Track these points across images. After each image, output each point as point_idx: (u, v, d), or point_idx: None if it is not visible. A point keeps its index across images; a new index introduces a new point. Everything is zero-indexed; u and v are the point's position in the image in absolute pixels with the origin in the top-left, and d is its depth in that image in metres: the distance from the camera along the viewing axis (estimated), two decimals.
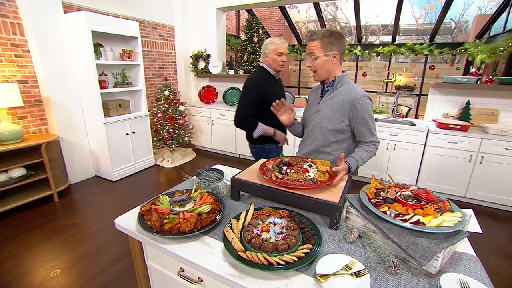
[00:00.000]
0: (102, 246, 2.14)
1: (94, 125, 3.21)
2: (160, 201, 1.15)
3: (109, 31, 3.03)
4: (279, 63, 1.85)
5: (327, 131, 1.44)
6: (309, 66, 1.44)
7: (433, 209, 0.95)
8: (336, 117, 1.40)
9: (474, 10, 7.76)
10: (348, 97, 1.37)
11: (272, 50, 1.82)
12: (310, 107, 1.60)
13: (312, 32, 1.39)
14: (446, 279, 0.78)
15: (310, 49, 1.38)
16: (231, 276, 0.81)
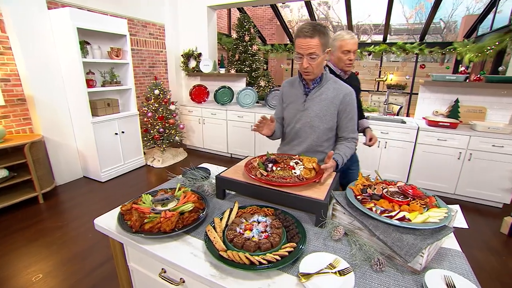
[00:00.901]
0: (89, 249, 2.08)
1: (81, 124, 3.13)
2: (142, 200, 1.12)
3: (96, 29, 2.96)
4: (345, 62, 1.62)
5: (320, 131, 1.38)
6: (306, 67, 1.25)
7: (419, 205, 0.93)
8: (328, 115, 1.36)
9: (463, 10, 7.93)
10: (338, 93, 1.34)
11: (338, 48, 1.61)
12: (290, 105, 1.46)
13: (308, 27, 1.19)
14: (431, 276, 0.76)
15: (310, 49, 1.19)
16: (211, 276, 0.78)
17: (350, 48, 1.59)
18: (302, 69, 1.28)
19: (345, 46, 1.59)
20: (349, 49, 1.59)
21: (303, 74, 1.32)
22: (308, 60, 1.22)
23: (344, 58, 1.62)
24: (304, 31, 1.19)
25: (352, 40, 1.58)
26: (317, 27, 1.19)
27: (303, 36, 1.19)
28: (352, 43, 1.58)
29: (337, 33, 1.64)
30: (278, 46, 6.32)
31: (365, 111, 3.71)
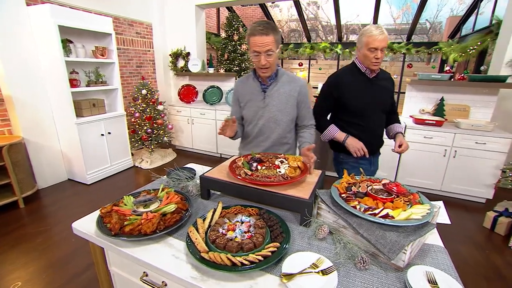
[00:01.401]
0: (71, 254, 2.01)
1: (65, 125, 3.04)
2: (124, 202, 1.08)
3: (79, 27, 2.88)
4: (371, 60, 1.45)
5: (284, 123, 1.45)
6: (264, 64, 1.28)
7: (403, 202, 0.93)
8: (289, 107, 1.43)
9: (447, 12, 8.15)
10: (295, 86, 1.44)
11: (364, 44, 1.43)
12: (249, 103, 1.46)
13: (262, 25, 1.23)
14: (413, 272, 0.76)
15: (267, 46, 1.24)
16: (192, 279, 0.76)
17: (377, 45, 1.41)
18: (260, 66, 1.31)
19: (372, 43, 1.41)
20: (377, 46, 1.42)
21: (260, 72, 1.35)
22: (266, 57, 1.26)
23: (370, 56, 1.45)
24: (259, 29, 1.22)
25: (380, 36, 1.40)
26: (270, 24, 1.25)
27: (259, 34, 1.22)
28: (380, 40, 1.40)
29: (365, 28, 1.47)
30: None
31: None
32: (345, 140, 1.57)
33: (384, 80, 1.61)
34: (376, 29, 1.41)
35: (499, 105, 3.17)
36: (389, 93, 1.65)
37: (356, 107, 1.55)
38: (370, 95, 1.55)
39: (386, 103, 1.62)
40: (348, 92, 1.54)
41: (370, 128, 1.60)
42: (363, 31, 1.47)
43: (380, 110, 1.62)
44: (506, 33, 3.07)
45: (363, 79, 1.54)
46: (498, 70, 3.14)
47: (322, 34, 9.05)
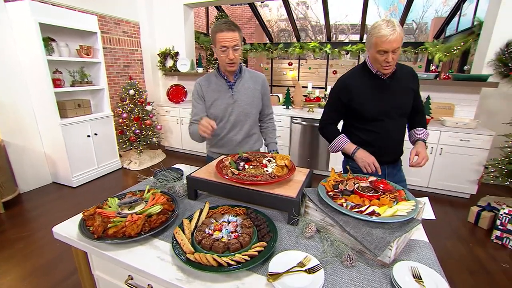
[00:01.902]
0: (55, 260, 1.95)
1: (48, 127, 2.94)
2: (108, 204, 1.05)
3: (62, 25, 2.80)
4: (381, 64, 1.25)
5: (253, 116, 1.54)
6: (232, 58, 1.32)
7: (389, 199, 0.95)
8: (256, 100, 1.52)
9: (432, 13, 8.38)
10: (257, 80, 1.52)
11: (372, 45, 1.23)
12: (217, 101, 1.47)
13: (229, 22, 1.31)
14: (398, 268, 0.77)
15: (235, 40, 1.30)
16: (177, 281, 0.75)
17: (387, 47, 1.18)
18: (228, 61, 1.35)
19: (380, 45, 1.19)
20: (386, 49, 1.19)
21: (228, 66, 1.38)
22: (233, 51, 1.32)
23: (380, 59, 1.23)
24: (226, 25, 1.29)
25: (391, 36, 1.16)
26: (234, 22, 1.33)
27: (226, 30, 1.28)
28: (391, 40, 1.16)
29: (374, 25, 1.23)
30: (258, 46, 6.31)
31: None
32: (355, 153, 1.40)
33: (403, 79, 1.38)
34: (387, 27, 1.17)
35: (481, 104, 3.27)
36: (410, 93, 1.39)
37: (369, 113, 1.37)
38: (384, 99, 1.35)
39: (405, 105, 1.39)
40: (358, 97, 1.37)
41: (385, 135, 1.41)
42: (371, 29, 1.24)
43: (398, 114, 1.39)
44: (486, 34, 3.17)
45: (375, 82, 1.35)
46: (480, 69, 3.24)
47: (312, 34, 9.14)
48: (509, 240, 2.23)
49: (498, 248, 2.24)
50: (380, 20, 1.24)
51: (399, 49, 1.23)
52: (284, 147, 3.72)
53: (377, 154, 1.38)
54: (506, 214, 2.25)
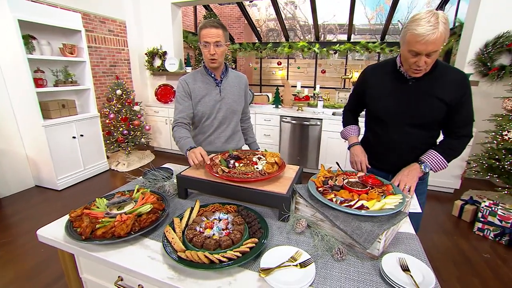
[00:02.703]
0: (40, 265, 1.88)
1: (30, 128, 2.84)
2: (96, 205, 1.03)
3: (44, 22, 2.70)
4: (410, 65, 1.07)
5: (238, 112, 1.60)
6: (213, 53, 1.34)
7: (377, 193, 0.97)
8: (240, 98, 1.58)
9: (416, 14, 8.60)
10: (241, 79, 1.58)
11: (406, 42, 1.03)
12: (205, 98, 1.46)
13: (213, 20, 1.36)
14: (387, 260, 0.79)
15: (217, 37, 1.32)
16: (169, 279, 0.74)
17: (420, 49, 0.99)
18: (209, 57, 1.37)
19: (413, 45, 0.99)
20: (419, 50, 0.99)
21: (209, 62, 1.39)
22: (214, 47, 1.34)
23: (410, 60, 1.05)
24: (210, 22, 1.33)
25: (430, 36, 0.95)
26: (218, 20, 1.37)
27: (209, 27, 1.32)
28: (427, 42, 0.96)
29: (413, 17, 1.00)
30: (246, 45, 6.31)
31: (331, 108, 3.84)
32: (351, 147, 1.39)
33: (436, 86, 1.13)
34: (427, 23, 0.95)
35: None
36: (436, 104, 1.14)
37: (375, 111, 1.29)
38: (399, 101, 1.19)
39: (423, 117, 1.18)
40: (372, 91, 1.27)
41: (388, 141, 1.29)
42: (409, 21, 1.02)
43: (409, 124, 1.21)
44: (467, 35, 3.29)
45: (396, 79, 1.19)
46: (461, 68, 3.35)
47: (300, 34, 9.22)
48: (490, 231, 2.33)
49: (480, 240, 2.33)
50: (424, 12, 0.98)
51: (437, 52, 1.01)
52: (273, 145, 3.74)
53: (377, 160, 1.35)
54: (486, 206, 2.34)
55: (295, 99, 3.69)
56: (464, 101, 1.14)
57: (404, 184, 1.15)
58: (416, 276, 0.73)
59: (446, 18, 0.97)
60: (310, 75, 7.15)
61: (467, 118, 1.18)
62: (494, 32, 3.05)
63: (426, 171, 1.21)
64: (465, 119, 1.18)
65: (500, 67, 3.08)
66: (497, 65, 3.10)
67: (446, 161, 1.21)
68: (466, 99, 1.14)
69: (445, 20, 0.97)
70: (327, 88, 6.15)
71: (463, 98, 1.13)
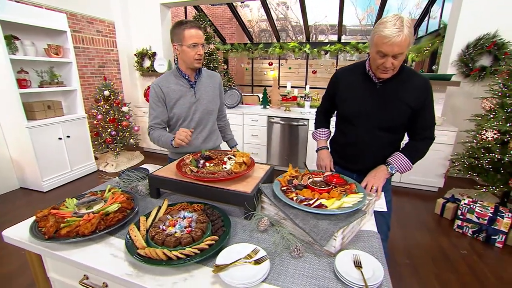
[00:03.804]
0: (20, 268, 1.88)
1: (14, 129, 2.82)
2: (65, 205, 1.04)
3: (27, 22, 2.69)
4: (378, 66, 1.10)
5: (214, 112, 1.62)
6: (201, 54, 1.38)
7: (339, 192, 1.00)
8: (216, 98, 1.60)
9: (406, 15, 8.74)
10: (214, 78, 1.59)
11: (373, 44, 1.08)
12: (179, 101, 1.46)
13: (195, 21, 1.38)
14: (341, 256, 0.82)
15: (203, 38, 1.38)
16: (127, 276, 0.76)
17: (387, 51, 1.02)
18: (197, 57, 1.39)
19: (380, 46, 1.03)
20: (386, 51, 1.02)
21: (196, 63, 1.41)
22: (202, 48, 1.38)
23: (378, 61, 1.08)
24: (195, 23, 1.37)
25: (396, 38, 0.98)
26: (195, 21, 1.39)
27: (196, 28, 1.35)
28: (393, 44, 1.00)
29: (381, 20, 1.05)
30: (238, 46, 6.33)
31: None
32: (318, 150, 1.46)
33: (402, 90, 1.17)
34: (393, 25, 0.99)
35: (447, 101, 3.45)
36: (403, 108, 1.18)
37: (343, 112, 1.32)
38: (367, 103, 1.22)
39: (390, 120, 1.22)
40: (342, 92, 1.30)
41: (356, 142, 1.31)
42: (377, 24, 1.06)
43: (377, 126, 1.24)
44: (450, 36, 3.35)
45: (365, 82, 1.22)
46: (445, 69, 3.42)
47: (292, 34, 9.27)
48: (468, 228, 2.38)
49: (459, 237, 2.38)
50: (391, 15, 1.03)
51: (403, 54, 1.04)
52: (261, 146, 3.77)
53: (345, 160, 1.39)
54: (465, 204, 2.40)
55: (283, 100, 3.73)
56: (426, 105, 1.20)
57: (372, 185, 1.19)
58: (367, 272, 0.76)
59: (410, 23, 1.03)
60: (302, 76, 7.20)
61: (430, 121, 1.25)
62: (475, 33, 3.12)
63: (393, 172, 1.26)
64: (428, 122, 1.25)
65: (481, 68, 3.15)
66: (478, 66, 3.17)
67: (411, 162, 1.27)
68: (428, 103, 1.21)
69: (409, 24, 1.02)
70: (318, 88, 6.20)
71: (425, 102, 1.19)
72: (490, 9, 3.03)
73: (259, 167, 1.24)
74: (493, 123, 2.51)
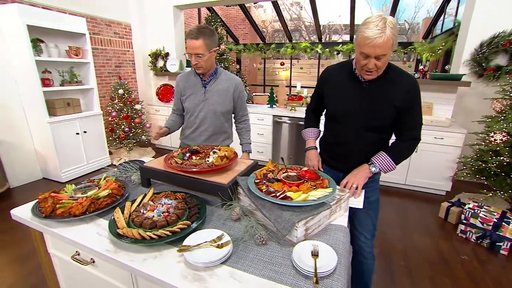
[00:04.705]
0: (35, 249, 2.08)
1: (38, 125, 3.09)
2: (65, 190, 1.18)
3: (51, 27, 2.94)
4: (362, 67, 1.12)
5: (221, 115, 1.66)
6: (195, 64, 1.47)
7: (309, 186, 1.05)
8: (226, 101, 1.64)
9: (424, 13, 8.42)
10: (231, 83, 1.63)
11: (357, 45, 1.10)
12: (191, 96, 1.63)
13: (194, 31, 1.41)
14: (300, 246, 0.87)
15: (196, 49, 1.41)
16: (106, 251, 0.86)
17: (369, 52, 1.04)
18: (193, 65, 1.50)
19: (362, 47, 1.05)
20: (368, 53, 1.04)
21: (196, 69, 1.53)
22: (196, 58, 1.45)
23: (362, 62, 1.10)
24: (190, 34, 1.41)
25: (377, 40, 1.00)
26: (201, 30, 1.42)
27: (189, 38, 1.41)
28: (375, 45, 1.01)
29: (364, 21, 1.06)
30: (251, 46, 6.43)
31: None
32: (306, 150, 1.48)
33: (389, 91, 1.18)
34: (375, 26, 1.00)
35: (459, 102, 3.33)
36: (389, 108, 1.19)
37: (330, 111, 1.35)
38: (353, 102, 1.24)
39: (377, 118, 1.22)
40: (330, 91, 1.32)
41: (344, 141, 1.32)
42: (361, 25, 1.07)
43: (363, 126, 1.25)
44: (463, 35, 3.23)
45: (352, 81, 1.24)
46: (458, 69, 3.30)
47: (306, 34, 9.22)
48: (472, 233, 2.31)
49: (462, 242, 2.32)
50: (374, 16, 1.03)
51: (386, 56, 1.05)
52: (266, 144, 3.83)
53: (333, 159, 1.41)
54: (470, 209, 2.33)
55: (288, 99, 3.77)
56: (413, 106, 1.20)
57: (352, 183, 1.22)
58: (321, 261, 0.81)
59: (394, 24, 1.03)
60: (314, 76, 7.17)
61: (416, 121, 1.24)
62: (489, 32, 3.00)
63: (375, 171, 1.27)
64: (414, 122, 1.24)
65: (496, 67, 3.02)
66: (493, 65, 3.04)
67: (394, 163, 1.26)
68: (415, 103, 1.20)
69: (392, 25, 1.02)
70: None
71: (412, 103, 1.19)
72: (505, 6, 2.90)
73: (242, 161, 1.32)
74: (502, 125, 2.42)
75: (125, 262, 0.82)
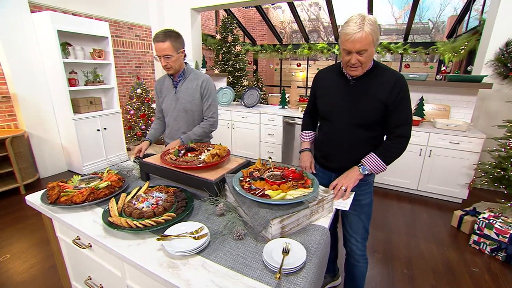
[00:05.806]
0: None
1: (64, 121, 3.37)
2: (72, 181, 1.30)
3: (77, 31, 3.19)
4: (346, 63, 1.16)
5: (193, 113, 1.75)
6: (165, 65, 1.57)
7: (290, 185, 1.08)
8: (196, 99, 1.72)
9: (450, 11, 7.93)
10: (198, 81, 1.70)
11: (340, 42, 1.15)
12: (166, 97, 1.75)
13: (160, 34, 1.51)
14: (273, 242, 0.90)
15: (164, 51, 1.51)
16: (98, 236, 0.96)
17: (349, 47, 1.09)
18: (163, 67, 1.59)
19: (343, 43, 1.11)
20: (349, 48, 1.09)
21: (165, 70, 1.63)
22: (164, 59, 1.55)
23: (345, 58, 1.15)
24: (157, 37, 1.51)
25: (355, 35, 1.05)
26: (167, 33, 1.51)
27: (156, 42, 1.51)
28: (354, 41, 1.06)
29: (346, 19, 1.11)
30: (267, 47, 6.47)
31: None
32: (301, 151, 1.52)
33: (374, 87, 1.21)
34: (354, 23, 1.05)
35: (480, 105, 3.15)
36: (375, 104, 1.21)
37: (322, 110, 1.38)
38: (342, 100, 1.27)
39: (364, 116, 1.24)
40: (321, 90, 1.37)
41: (335, 140, 1.34)
42: (342, 24, 1.13)
43: (353, 122, 1.26)
44: (487, 33, 3.05)
45: (340, 79, 1.28)
46: (479, 71, 3.12)
47: (324, 35, 9.07)
48: (486, 245, 2.19)
49: (475, 253, 2.20)
50: (355, 14, 1.09)
51: (368, 51, 1.09)
52: (276, 145, 3.86)
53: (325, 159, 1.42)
54: (484, 219, 2.20)
55: (300, 100, 3.76)
56: (400, 102, 1.21)
57: (341, 185, 1.24)
58: (289, 259, 0.83)
59: (373, 21, 1.08)
60: None
61: (404, 118, 1.24)
62: None
63: (365, 173, 1.27)
64: (402, 119, 1.24)
65: None
66: None
67: (385, 163, 1.26)
68: (402, 100, 1.21)
69: (371, 22, 1.07)
70: None
71: (398, 99, 1.20)
72: None
73: (234, 159, 1.37)
74: None
75: (112, 247, 0.90)
